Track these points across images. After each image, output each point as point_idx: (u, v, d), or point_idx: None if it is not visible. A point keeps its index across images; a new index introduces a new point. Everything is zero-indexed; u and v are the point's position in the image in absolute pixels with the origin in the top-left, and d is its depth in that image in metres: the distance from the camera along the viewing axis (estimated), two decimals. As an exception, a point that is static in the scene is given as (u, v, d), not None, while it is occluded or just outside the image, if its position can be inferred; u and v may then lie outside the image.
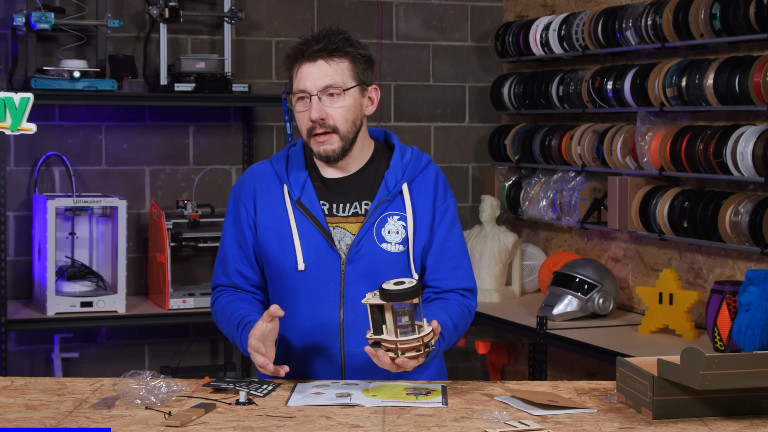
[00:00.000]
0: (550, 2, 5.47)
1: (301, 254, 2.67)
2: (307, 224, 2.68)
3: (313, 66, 2.64)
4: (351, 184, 2.73)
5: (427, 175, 2.76)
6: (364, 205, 2.71)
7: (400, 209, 2.71)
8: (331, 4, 5.56)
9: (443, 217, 2.75)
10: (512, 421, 2.28)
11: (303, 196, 2.70)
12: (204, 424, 2.27)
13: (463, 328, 2.74)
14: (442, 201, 2.76)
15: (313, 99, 2.64)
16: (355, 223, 2.70)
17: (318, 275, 2.67)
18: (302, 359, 2.70)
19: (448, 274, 2.75)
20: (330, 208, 2.71)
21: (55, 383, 2.61)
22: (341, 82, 2.65)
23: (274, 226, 2.71)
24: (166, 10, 5.03)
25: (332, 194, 2.72)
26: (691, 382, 2.22)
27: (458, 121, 5.83)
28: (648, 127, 4.46)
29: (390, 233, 2.70)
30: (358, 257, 2.67)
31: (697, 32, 4.25)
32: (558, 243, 5.40)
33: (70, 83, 4.77)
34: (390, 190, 2.71)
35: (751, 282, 3.70)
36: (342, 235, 2.69)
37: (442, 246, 2.74)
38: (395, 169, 2.72)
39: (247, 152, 5.36)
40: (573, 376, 5.18)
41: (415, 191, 2.73)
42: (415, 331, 2.43)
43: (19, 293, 5.00)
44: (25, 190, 5.05)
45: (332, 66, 2.65)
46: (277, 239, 2.70)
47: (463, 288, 2.76)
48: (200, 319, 4.91)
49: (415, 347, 2.43)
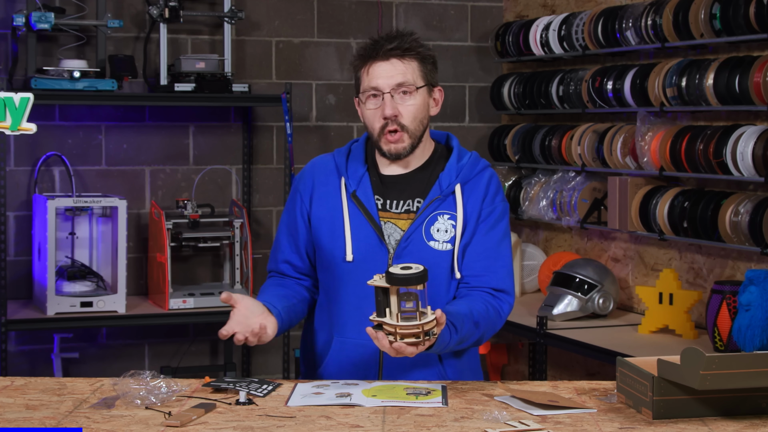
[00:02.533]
0: (550, 2, 5.47)
1: (351, 245, 2.71)
2: (360, 217, 2.73)
3: (387, 64, 2.69)
4: (407, 182, 2.77)
5: (481, 179, 2.78)
6: (417, 202, 2.75)
7: (451, 209, 2.74)
8: (331, 4, 5.56)
9: (488, 216, 2.76)
10: (512, 421, 2.28)
11: (359, 190, 2.75)
12: (204, 424, 2.27)
13: (487, 328, 2.69)
14: (490, 202, 2.77)
15: (386, 96, 2.69)
16: (406, 220, 2.73)
17: (365, 267, 2.68)
18: (343, 350, 2.74)
19: (481, 271, 2.73)
20: (384, 204, 2.76)
21: (55, 383, 2.61)
22: (412, 80, 2.71)
23: (327, 216, 2.76)
24: (166, 10, 5.03)
25: (387, 190, 2.77)
26: (691, 382, 2.22)
27: (458, 121, 5.83)
28: (648, 127, 4.46)
29: (439, 231, 2.72)
30: (406, 253, 2.70)
31: (697, 32, 4.25)
32: (558, 243, 5.40)
33: (70, 83, 4.77)
34: (443, 190, 2.74)
35: (751, 282, 3.70)
36: (392, 231, 2.73)
37: (479, 243, 2.74)
38: (450, 171, 2.76)
39: (247, 152, 5.36)
40: (573, 376, 5.18)
41: (467, 192, 2.76)
42: (418, 318, 2.43)
43: (19, 293, 5.00)
44: (25, 190, 5.05)
45: (404, 65, 2.70)
46: (329, 229, 2.75)
47: (494, 288, 2.73)
48: (200, 319, 4.91)
49: (415, 334, 2.42)
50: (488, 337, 2.73)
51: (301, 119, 5.44)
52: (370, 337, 2.47)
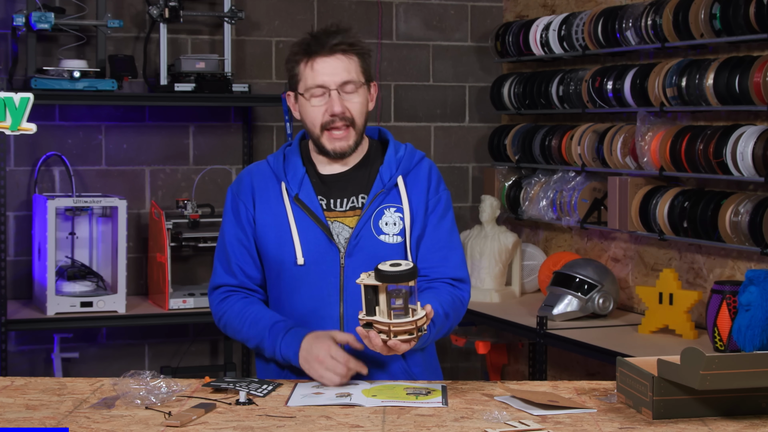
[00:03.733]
0: (550, 2, 5.46)
1: (300, 249, 2.68)
2: (306, 219, 2.70)
3: (332, 59, 2.67)
4: (348, 179, 2.75)
5: (421, 169, 2.78)
6: (361, 198, 2.74)
7: (396, 201, 2.73)
8: (331, 4, 5.56)
9: (435, 207, 2.77)
10: (512, 421, 2.28)
11: (301, 192, 2.72)
12: (204, 424, 2.27)
13: (455, 318, 2.73)
14: (434, 192, 2.77)
15: (333, 93, 2.67)
16: (352, 217, 2.72)
17: (317, 269, 2.68)
18: None
19: (438, 262, 2.75)
20: (328, 204, 2.73)
21: (55, 383, 2.61)
22: (357, 77, 2.69)
23: (273, 223, 2.72)
24: (166, 10, 5.03)
25: (329, 190, 2.74)
26: (691, 382, 2.22)
27: (458, 121, 5.83)
28: (648, 127, 4.46)
29: (387, 225, 2.72)
30: (357, 250, 2.68)
31: (697, 32, 4.25)
32: (558, 243, 5.40)
33: (70, 83, 4.77)
34: (385, 183, 2.73)
35: (751, 282, 3.69)
36: (340, 229, 2.71)
37: (432, 235, 2.75)
38: (390, 164, 2.75)
39: (247, 152, 5.36)
40: (573, 376, 5.18)
41: (410, 184, 2.75)
42: (409, 314, 2.42)
43: (19, 293, 5.00)
44: (25, 190, 5.05)
45: (348, 61, 2.68)
46: (276, 235, 2.72)
47: (453, 277, 2.76)
48: (200, 319, 4.91)
49: (408, 330, 2.42)
50: (455, 326, 2.76)
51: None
52: (360, 336, 2.47)
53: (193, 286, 5.12)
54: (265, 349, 2.69)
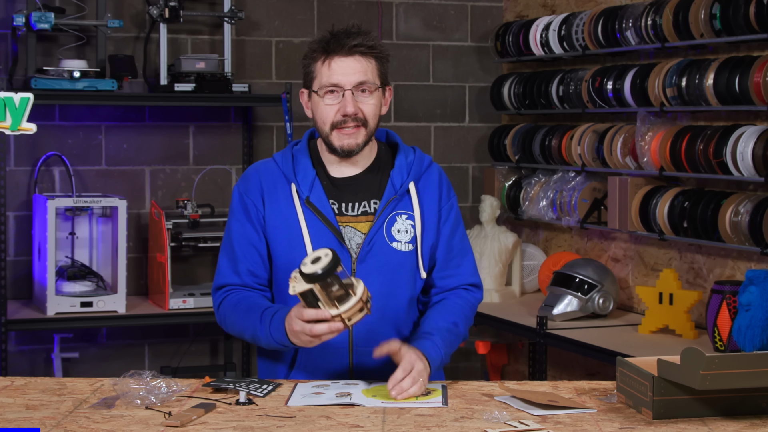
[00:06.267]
0: (550, 2, 5.47)
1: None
2: (317, 223, 2.68)
3: (350, 60, 2.65)
4: (359, 183, 2.74)
5: (431, 175, 2.78)
6: (373, 204, 2.72)
7: (407, 208, 2.73)
8: (331, 4, 5.56)
9: (448, 215, 2.78)
10: (512, 421, 2.28)
11: (312, 195, 2.69)
12: (204, 424, 2.27)
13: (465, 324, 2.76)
14: (446, 200, 2.79)
15: (347, 93, 2.66)
16: (364, 222, 2.70)
17: None
18: (311, 357, 2.69)
19: (452, 272, 2.78)
20: (339, 207, 2.71)
21: (55, 383, 2.61)
22: (372, 79, 2.68)
23: (283, 225, 2.69)
24: (166, 10, 5.03)
25: (340, 193, 2.72)
26: (691, 382, 2.22)
27: (458, 121, 5.83)
28: (648, 127, 4.46)
29: (399, 232, 2.71)
30: (369, 256, 2.68)
31: (697, 32, 4.25)
32: (558, 243, 5.40)
33: (70, 83, 4.77)
34: (397, 190, 2.72)
35: (751, 282, 3.70)
36: (352, 234, 2.69)
37: (447, 245, 2.77)
38: (401, 169, 2.74)
39: (247, 152, 5.36)
40: (573, 376, 5.18)
41: (421, 190, 2.75)
42: (350, 293, 2.42)
43: (19, 293, 5.00)
44: (25, 190, 5.05)
45: (366, 62, 2.67)
46: (286, 238, 2.69)
47: (469, 283, 2.80)
48: (200, 319, 4.91)
49: (359, 308, 2.43)
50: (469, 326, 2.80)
51: (301, 119, 5.44)
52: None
53: (193, 286, 5.12)
54: (262, 338, 2.65)
